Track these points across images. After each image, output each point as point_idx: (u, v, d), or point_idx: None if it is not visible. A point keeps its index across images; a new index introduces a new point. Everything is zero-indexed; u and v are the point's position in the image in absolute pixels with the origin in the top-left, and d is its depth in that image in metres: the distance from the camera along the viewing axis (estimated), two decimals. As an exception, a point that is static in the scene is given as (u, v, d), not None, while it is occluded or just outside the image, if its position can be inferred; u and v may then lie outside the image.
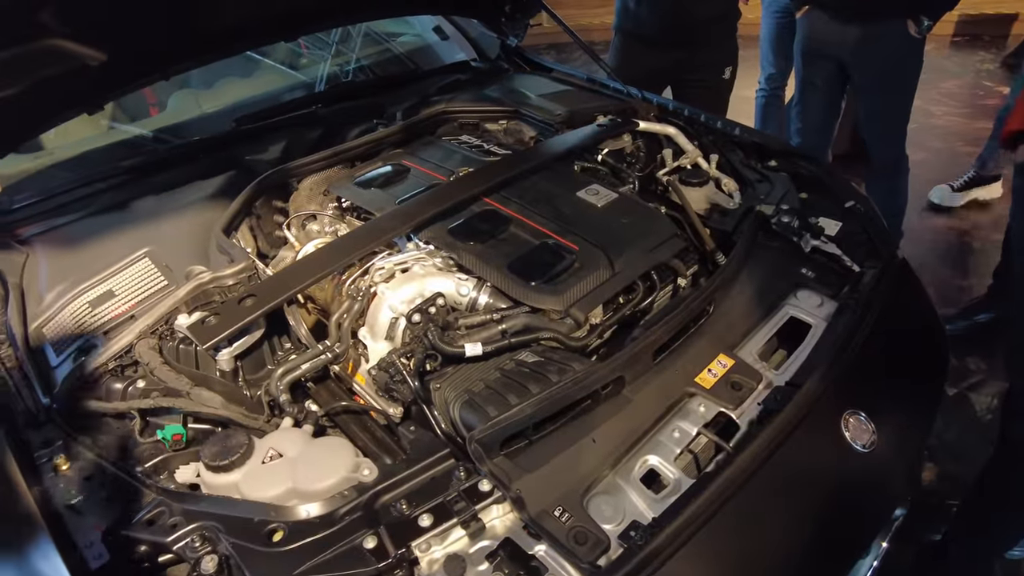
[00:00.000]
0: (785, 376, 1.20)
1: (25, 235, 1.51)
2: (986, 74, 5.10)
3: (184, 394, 1.14)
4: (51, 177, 1.75)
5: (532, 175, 1.59)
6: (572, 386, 1.06)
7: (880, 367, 1.24)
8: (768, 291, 1.37)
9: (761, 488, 0.99)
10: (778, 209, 1.54)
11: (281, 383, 1.15)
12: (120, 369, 1.21)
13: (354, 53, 2.47)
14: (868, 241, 1.50)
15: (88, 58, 1.32)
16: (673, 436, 1.09)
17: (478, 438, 0.97)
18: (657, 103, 2.00)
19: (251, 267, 1.32)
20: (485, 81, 2.17)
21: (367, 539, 0.93)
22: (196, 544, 0.95)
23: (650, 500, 1.00)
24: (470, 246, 1.35)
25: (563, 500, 0.96)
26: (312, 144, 1.82)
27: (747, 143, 1.84)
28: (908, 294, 1.43)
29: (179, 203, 1.57)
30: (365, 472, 1.02)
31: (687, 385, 1.16)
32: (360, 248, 1.33)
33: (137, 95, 2.11)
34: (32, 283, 1.40)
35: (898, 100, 2.50)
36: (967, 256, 3.18)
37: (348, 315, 1.26)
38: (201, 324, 1.18)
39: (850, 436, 1.08)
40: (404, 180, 1.61)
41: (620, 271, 1.31)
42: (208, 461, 1.03)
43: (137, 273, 1.36)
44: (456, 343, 1.17)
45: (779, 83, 3.43)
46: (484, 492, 0.98)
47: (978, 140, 4.12)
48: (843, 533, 1.06)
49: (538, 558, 0.92)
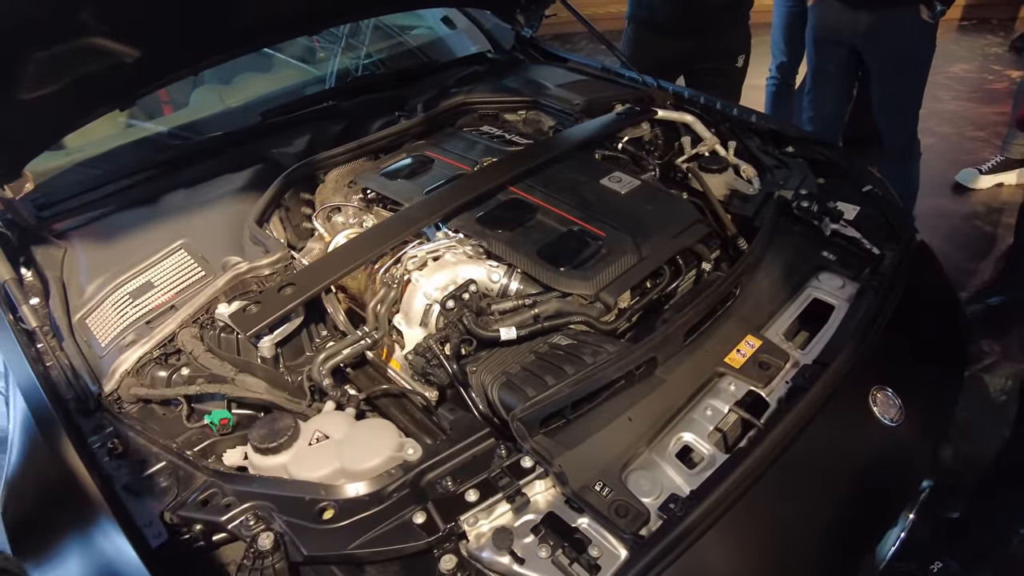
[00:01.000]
0: (811, 355, 1.23)
1: (61, 230, 1.55)
2: (994, 58, 5.10)
3: (229, 380, 1.18)
4: (81, 174, 1.79)
5: (555, 164, 1.61)
6: (608, 367, 1.09)
7: (904, 345, 1.27)
8: (791, 274, 1.40)
9: (793, 462, 1.03)
10: (797, 194, 1.57)
11: (324, 368, 1.19)
12: (164, 357, 1.25)
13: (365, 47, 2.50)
14: (886, 224, 1.52)
15: (124, 55, 1.35)
16: (705, 414, 1.12)
17: (520, 416, 1.01)
18: (673, 91, 2.03)
19: (287, 257, 1.36)
20: (502, 72, 2.19)
21: (416, 514, 0.96)
22: (251, 523, 0.99)
23: (686, 475, 1.03)
24: (499, 234, 1.38)
25: (603, 475, 1.00)
26: (336, 137, 1.85)
27: (763, 130, 1.87)
28: (928, 275, 1.46)
29: (210, 196, 1.60)
30: (410, 451, 1.06)
31: (717, 365, 1.19)
32: (392, 237, 1.36)
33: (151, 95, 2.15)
34: (72, 276, 1.44)
35: (911, 85, 2.52)
36: (977, 239, 3.19)
37: (384, 302, 1.29)
38: (243, 312, 1.22)
39: (878, 411, 1.12)
40: (429, 171, 1.64)
41: (647, 256, 1.34)
42: (256, 444, 1.07)
43: (174, 264, 1.40)
44: (491, 328, 1.21)
45: (790, 71, 3.44)
46: (526, 468, 1.01)
47: (986, 125, 4.14)
48: (873, 505, 1.09)
49: (581, 530, 0.96)
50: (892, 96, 2.55)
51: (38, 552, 1.04)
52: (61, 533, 1.03)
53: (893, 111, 2.59)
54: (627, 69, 2.14)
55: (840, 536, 1.04)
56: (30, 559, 1.05)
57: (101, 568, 0.97)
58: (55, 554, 1.02)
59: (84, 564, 0.99)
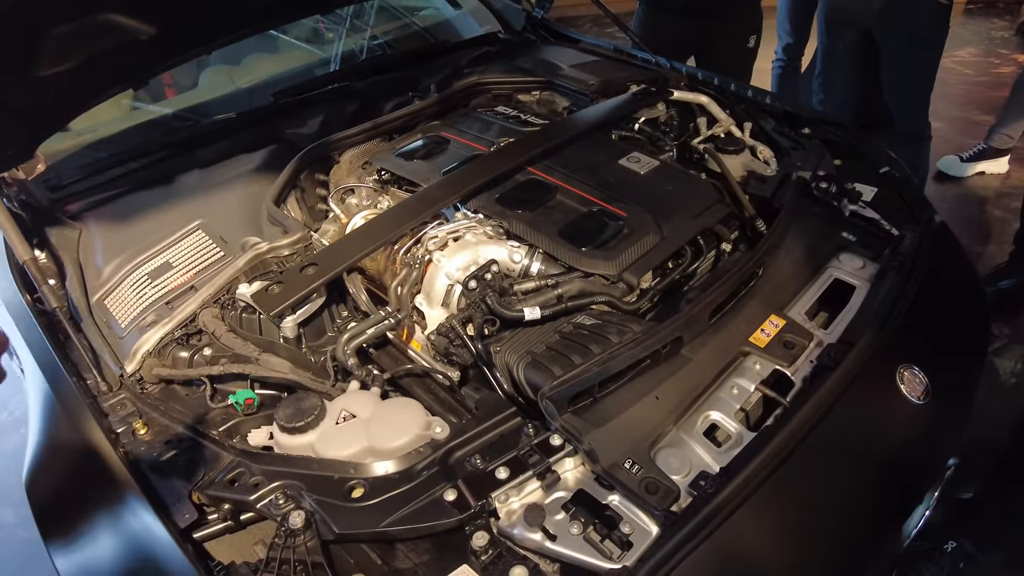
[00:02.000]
0: (834, 335, 1.23)
1: (75, 211, 1.54)
2: (1000, 42, 5.07)
3: (253, 360, 1.17)
4: (90, 156, 1.77)
5: (572, 144, 1.60)
6: (634, 346, 1.09)
7: (927, 324, 1.27)
8: (812, 254, 1.40)
9: (821, 440, 1.03)
10: (815, 175, 1.56)
11: (348, 348, 1.18)
12: (185, 338, 1.24)
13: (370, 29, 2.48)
14: (904, 205, 1.52)
15: (139, 32, 1.33)
16: (732, 392, 1.12)
17: (549, 395, 1.01)
18: (687, 72, 2.01)
19: (307, 237, 1.35)
20: (514, 53, 2.18)
21: (447, 492, 0.96)
22: (280, 502, 0.98)
23: (714, 453, 1.03)
24: (519, 214, 1.37)
25: (632, 453, 1.00)
26: (350, 118, 1.83)
27: (778, 111, 1.85)
28: (948, 255, 1.45)
29: (226, 176, 1.59)
30: (437, 430, 1.06)
31: (742, 344, 1.19)
32: (412, 218, 1.35)
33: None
34: (88, 257, 1.43)
35: (924, 68, 2.50)
36: (985, 224, 3.19)
37: (406, 283, 1.29)
38: (265, 292, 1.21)
39: (905, 389, 1.12)
40: (445, 151, 1.63)
41: (668, 236, 1.34)
42: (283, 423, 1.07)
43: (193, 244, 1.39)
44: (514, 308, 1.20)
45: (796, 53, 3.41)
46: (555, 446, 1.01)
47: (993, 109, 4.11)
48: (901, 482, 1.09)
49: (612, 507, 0.96)
50: (904, 79, 2.53)
51: (66, 532, 1.04)
52: (89, 513, 1.03)
53: (905, 94, 2.57)
54: (639, 50, 2.12)
55: (869, 513, 1.04)
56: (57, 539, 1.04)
57: (131, 547, 0.97)
58: (84, 533, 1.02)
59: (113, 543, 0.99)
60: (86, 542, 1.02)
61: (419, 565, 0.94)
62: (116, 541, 0.99)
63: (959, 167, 3.46)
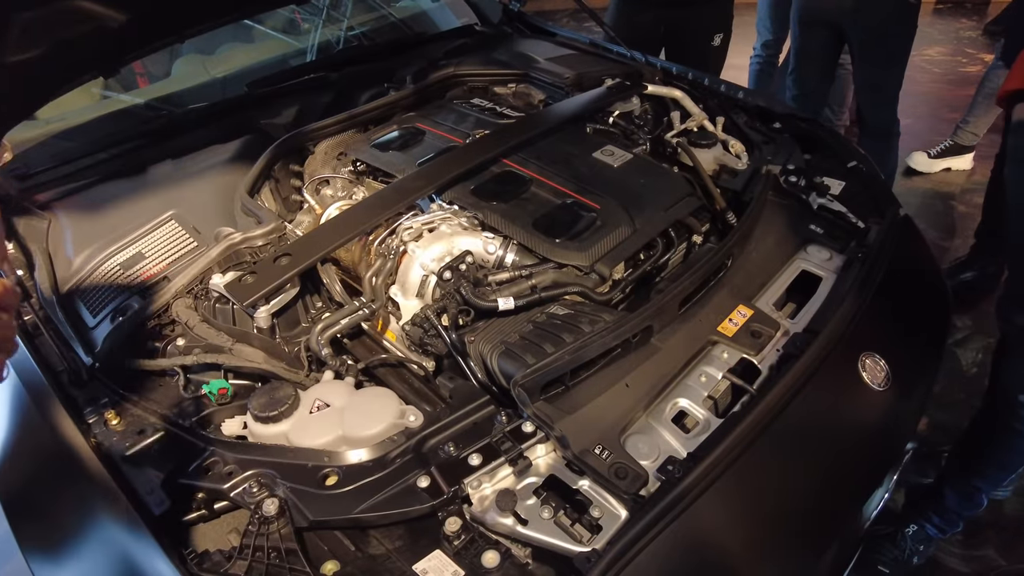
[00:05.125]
0: (801, 324, 1.26)
1: (45, 200, 1.51)
2: (968, 41, 5.19)
3: (226, 350, 1.17)
4: (59, 145, 1.74)
5: (547, 137, 1.62)
6: (605, 335, 1.11)
7: (890, 314, 1.31)
8: (781, 246, 1.43)
9: (786, 426, 1.06)
10: (785, 169, 1.59)
11: (322, 338, 1.19)
12: (159, 328, 1.24)
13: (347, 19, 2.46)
14: (871, 199, 1.56)
15: (108, 19, 1.32)
16: (700, 380, 1.15)
17: (521, 383, 1.02)
18: (661, 67, 2.03)
19: (281, 227, 1.35)
20: (490, 45, 2.18)
21: (420, 479, 0.98)
22: (254, 490, 0.99)
23: (682, 438, 1.06)
24: (494, 205, 1.38)
25: (602, 439, 1.02)
26: (324, 108, 1.83)
27: (751, 106, 1.89)
28: (912, 248, 1.50)
29: (199, 167, 1.58)
30: (411, 418, 1.07)
31: (710, 334, 1.22)
32: (387, 208, 1.36)
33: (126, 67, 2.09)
34: (58, 247, 1.41)
35: (893, 65, 2.56)
36: (950, 218, 3.28)
37: (381, 274, 1.29)
38: (238, 283, 1.21)
39: (867, 376, 1.16)
40: (421, 143, 1.63)
41: (640, 228, 1.36)
42: (257, 412, 1.07)
43: (165, 235, 1.38)
44: (488, 298, 1.22)
45: (775, 50, 3.47)
46: (527, 433, 1.03)
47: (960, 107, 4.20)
48: (862, 466, 1.13)
49: (582, 492, 0.98)
50: (874, 76, 2.59)
51: (37, 524, 1.03)
52: (61, 505, 1.02)
53: (875, 90, 2.63)
54: (615, 44, 2.14)
55: (830, 496, 1.08)
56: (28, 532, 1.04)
57: (104, 537, 0.97)
58: (55, 526, 1.02)
59: (86, 535, 0.98)
60: (58, 534, 1.01)
61: (392, 551, 0.95)
62: (89, 532, 0.98)
63: (927, 163, 3.55)
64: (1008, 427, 1.58)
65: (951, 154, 3.53)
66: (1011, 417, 1.56)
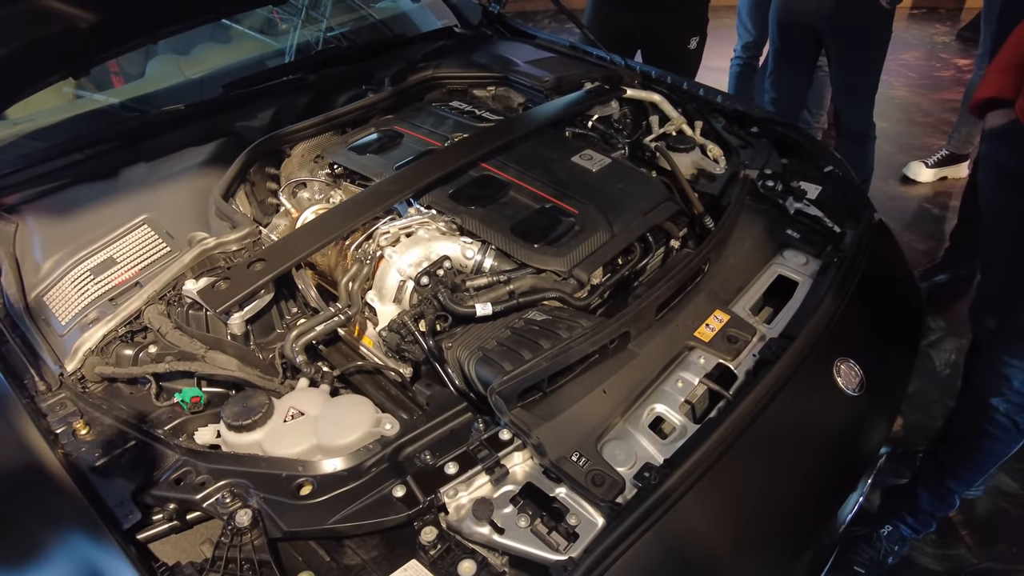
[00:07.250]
0: (777, 329, 1.27)
1: (12, 203, 1.48)
2: (941, 47, 5.28)
3: (199, 358, 1.15)
4: (28, 146, 1.70)
5: (526, 140, 1.61)
6: (583, 341, 1.10)
7: (864, 319, 1.32)
8: (757, 251, 1.44)
9: (762, 431, 1.07)
10: (762, 174, 1.61)
11: (296, 345, 1.17)
12: (130, 335, 1.21)
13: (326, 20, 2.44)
14: (847, 204, 1.58)
15: (78, 20, 1.29)
16: (677, 386, 1.15)
17: (498, 390, 1.01)
18: (640, 70, 2.04)
19: (255, 232, 1.33)
20: (470, 47, 2.17)
21: (396, 488, 0.97)
22: (227, 500, 0.98)
23: (659, 444, 1.06)
24: (472, 210, 1.38)
25: (579, 446, 1.02)
26: (301, 110, 1.81)
27: (729, 110, 1.90)
28: (886, 252, 1.52)
29: (173, 170, 1.55)
30: (387, 426, 1.06)
31: (687, 339, 1.22)
32: (364, 213, 1.34)
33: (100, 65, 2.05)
34: (26, 252, 1.38)
35: (868, 70, 2.59)
36: (925, 221, 3.33)
37: (357, 279, 1.28)
38: (211, 289, 1.19)
39: (841, 382, 1.17)
40: (399, 146, 1.62)
41: (618, 233, 1.36)
42: (230, 421, 1.05)
43: (137, 240, 1.35)
44: (466, 304, 1.21)
45: (755, 52, 3.49)
46: (504, 441, 1.02)
47: (933, 111, 4.30)
48: (837, 470, 1.14)
49: (559, 500, 0.98)
50: (851, 80, 2.62)
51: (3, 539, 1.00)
52: (28, 518, 1.00)
53: (851, 94, 2.66)
54: (594, 47, 2.14)
55: (806, 500, 1.09)
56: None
57: (72, 551, 0.95)
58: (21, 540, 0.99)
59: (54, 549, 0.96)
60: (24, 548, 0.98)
61: (368, 561, 0.95)
62: (56, 545, 0.96)
63: (924, 173, 3.58)
64: (980, 429, 1.61)
65: (948, 163, 3.56)
66: (982, 419, 1.58)
